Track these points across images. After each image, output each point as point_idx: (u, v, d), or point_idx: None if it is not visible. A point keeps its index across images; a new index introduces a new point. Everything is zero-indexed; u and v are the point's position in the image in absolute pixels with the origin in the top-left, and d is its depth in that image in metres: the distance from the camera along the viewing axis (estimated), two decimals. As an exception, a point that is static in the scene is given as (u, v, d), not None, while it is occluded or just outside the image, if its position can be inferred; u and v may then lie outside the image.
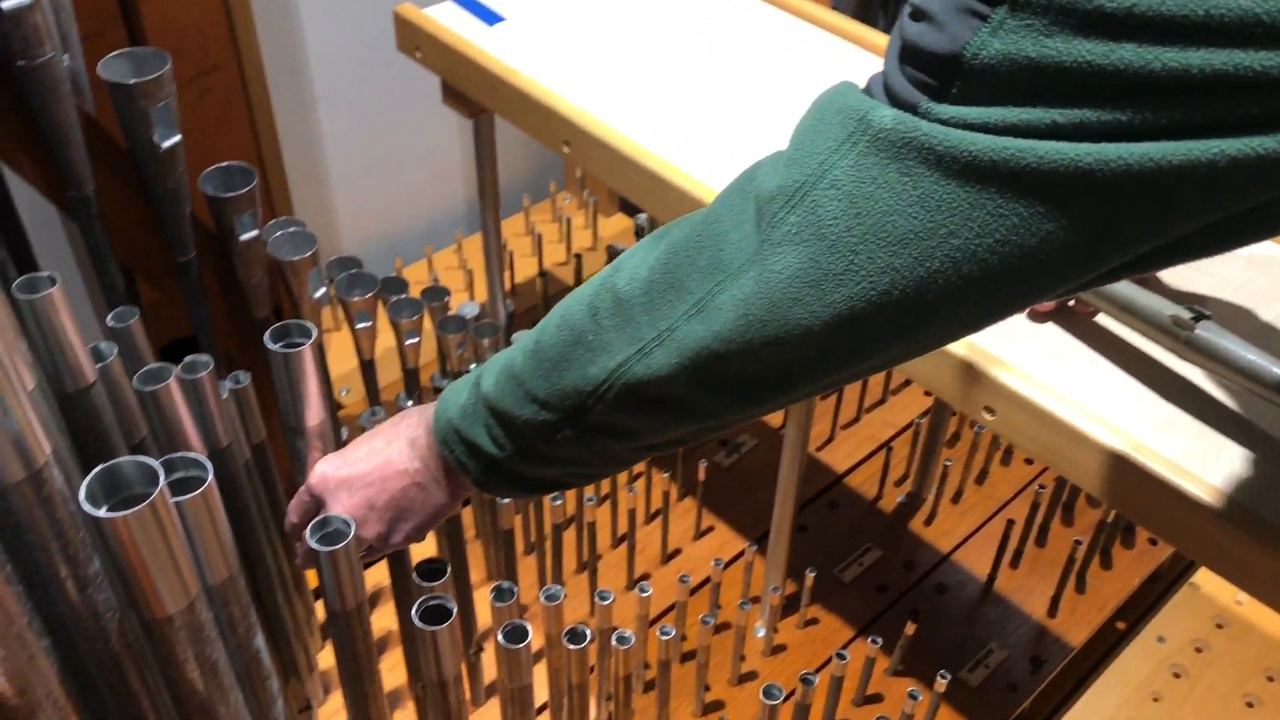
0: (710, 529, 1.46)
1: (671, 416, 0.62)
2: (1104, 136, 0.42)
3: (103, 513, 0.57)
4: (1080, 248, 0.46)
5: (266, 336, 0.87)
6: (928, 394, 1.65)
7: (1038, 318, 0.91)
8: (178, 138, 1.10)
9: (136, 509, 0.56)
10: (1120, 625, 1.51)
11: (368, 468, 0.77)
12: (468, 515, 1.41)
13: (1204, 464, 0.80)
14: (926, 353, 0.55)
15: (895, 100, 0.48)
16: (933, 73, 0.46)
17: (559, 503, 1.24)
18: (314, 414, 0.91)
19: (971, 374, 0.88)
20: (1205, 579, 1.47)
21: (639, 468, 1.49)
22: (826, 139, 0.50)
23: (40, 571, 0.60)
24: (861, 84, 0.52)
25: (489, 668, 1.26)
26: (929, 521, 1.48)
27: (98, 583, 0.64)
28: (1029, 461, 1.57)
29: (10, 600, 0.55)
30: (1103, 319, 0.91)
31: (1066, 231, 0.45)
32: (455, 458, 0.71)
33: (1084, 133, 0.43)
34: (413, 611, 0.83)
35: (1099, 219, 0.45)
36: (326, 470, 0.79)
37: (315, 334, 0.86)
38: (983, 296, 0.49)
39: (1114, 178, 0.43)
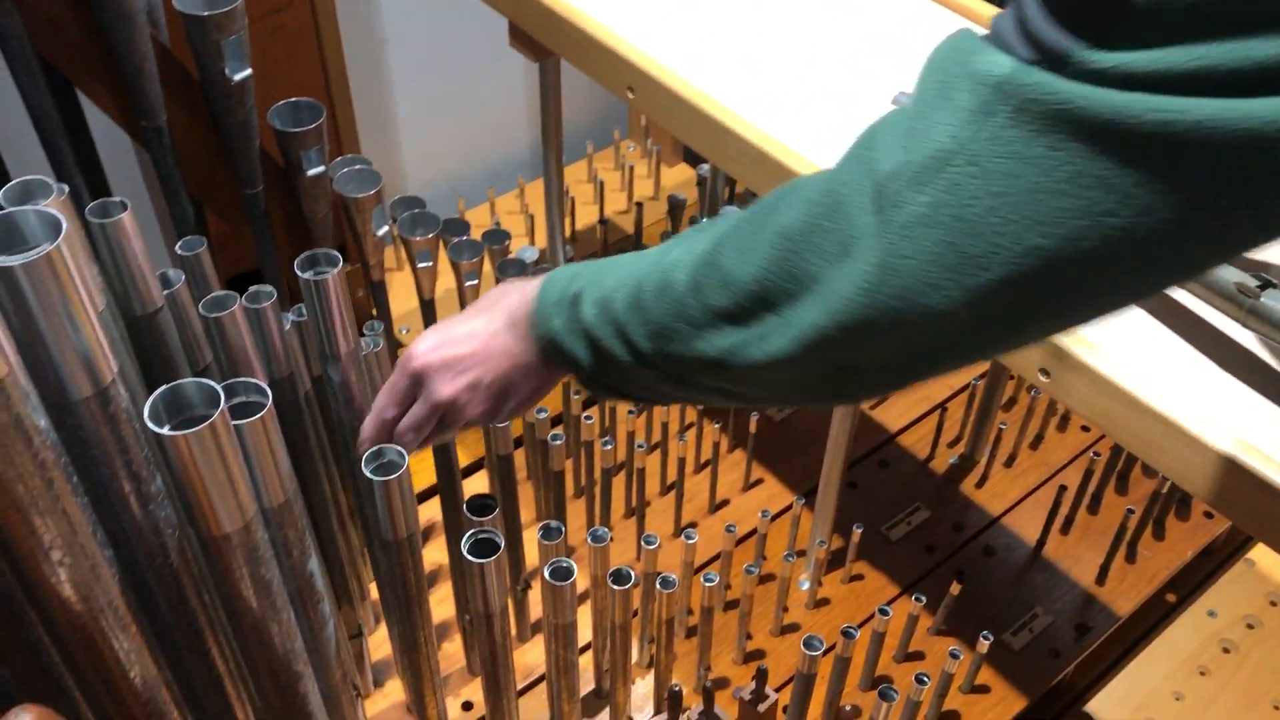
0: (759, 481, 1.47)
1: (785, 392, 0.59)
2: None
3: (165, 431, 0.59)
4: (1260, 225, 0.41)
5: (296, 264, 0.88)
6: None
7: (1100, 281, 0.90)
8: (248, 71, 1.12)
9: (197, 429, 0.58)
10: (1171, 597, 1.50)
11: (471, 349, 0.75)
12: (520, 457, 1.43)
13: (1262, 435, 0.79)
14: (1065, 331, 0.53)
15: (1038, 46, 0.42)
16: (1089, 11, 0.39)
17: (609, 447, 1.25)
18: (342, 341, 0.93)
19: (1028, 335, 0.87)
20: (1261, 555, 1.45)
21: (690, 417, 1.50)
22: (956, 109, 0.45)
23: (105, 486, 0.63)
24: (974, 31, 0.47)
25: (536, 605, 1.29)
26: (980, 484, 1.47)
27: (159, 500, 0.66)
28: (1086, 429, 1.56)
29: (76, 510, 0.57)
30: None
31: (1246, 207, 0.40)
32: (557, 362, 0.71)
33: (1273, 82, 0.36)
34: (462, 544, 0.85)
35: None
36: (426, 352, 0.77)
37: (341, 263, 0.87)
38: (1141, 278, 0.45)
39: None
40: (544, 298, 0.71)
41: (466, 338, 0.76)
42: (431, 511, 1.38)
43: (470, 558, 0.84)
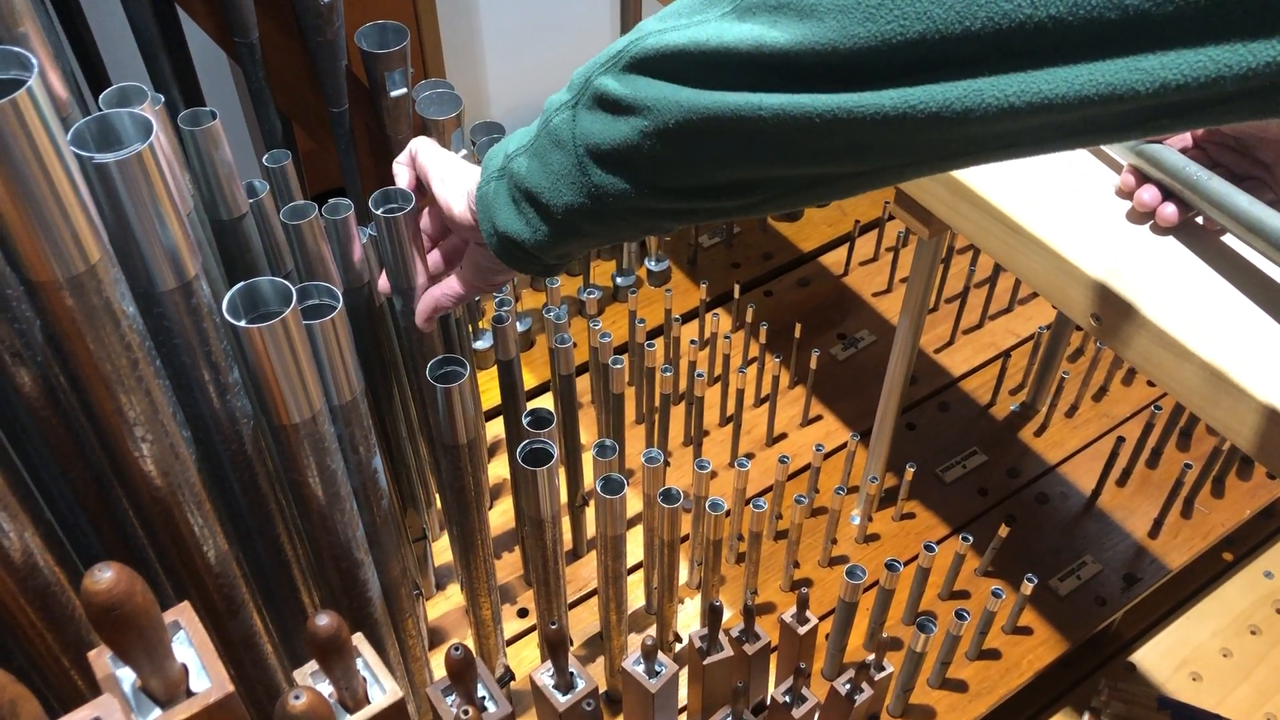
0: (818, 418, 1.49)
1: (658, 110, 0.59)
2: None
3: (241, 324, 0.63)
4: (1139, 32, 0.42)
5: (371, 200, 0.90)
6: (1051, 303, 1.63)
7: (1159, 231, 0.90)
8: (337, -8, 1.15)
9: (270, 323, 0.63)
10: (1227, 556, 1.50)
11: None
12: (583, 382, 1.47)
13: (1310, 389, 0.79)
14: (936, 160, 0.53)
15: None
16: None
17: (669, 374, 1.28)
18: (413, 275, 0.95)
19: (1082, 279, 0.88)
20: (1323, 519, 1.44)
21: (753, 351, 1.52)
22: None
23: (186, 373, 0.68)
24: None
25: (593, 523, 1.33)
26: (1039, 432, 1.48)
27: (236, 390, 0.71)
28: (1152, 383, 1.55)
29: (158, 391, 0.62)
30: (1229, 239, 0.89)
31: (1146, 8, 0.42)
32: (483, 176, 0.76)
33: None
34: (517, 452, 0.89)
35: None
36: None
37: (415, 201, 0.89)
38: (1018, 84, 0.46)
39: None
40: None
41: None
42: (498, 429, 1.43)
43: (524, 466, 0.89)
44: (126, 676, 0.54)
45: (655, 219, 0.67)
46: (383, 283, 0.94)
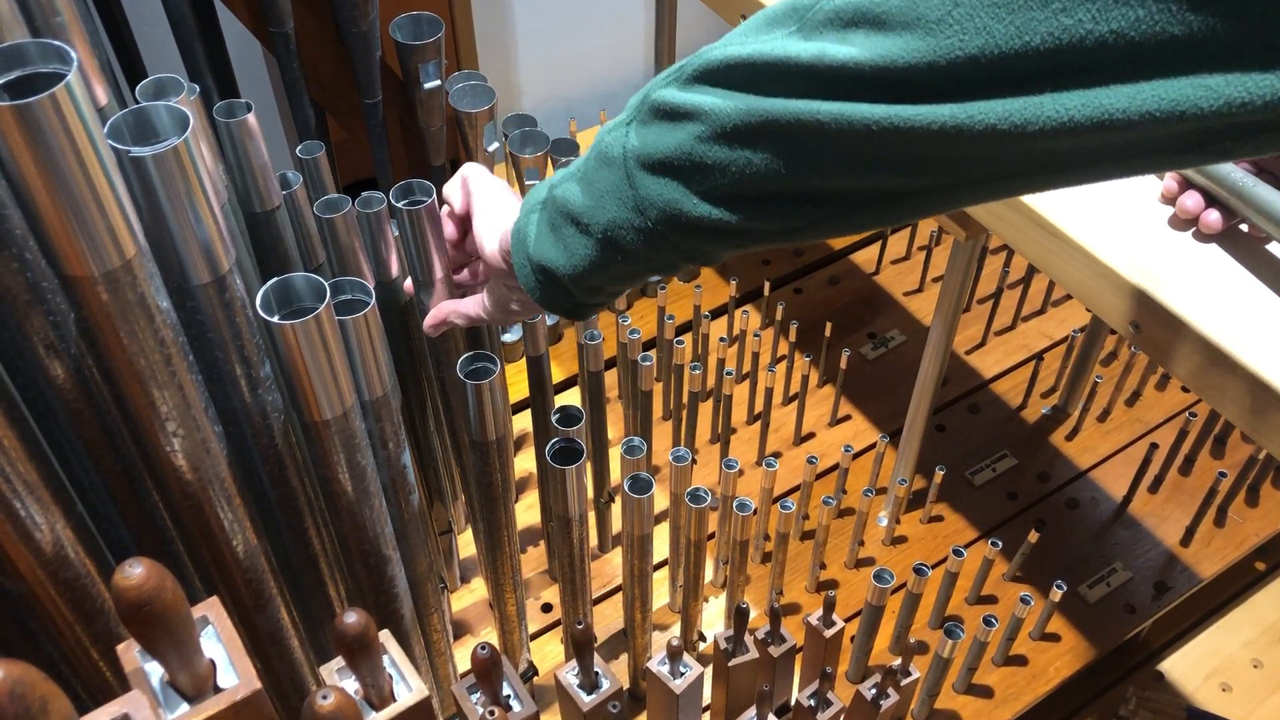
0: (847, 418, 1.48)
1: (716, 115, 0.58)
2: None
3: (275, 319, 0.63)
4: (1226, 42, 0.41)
5: (392, 193, 0.89)
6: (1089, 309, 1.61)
7: (1202, 238, 0.89)
8: (373, -17, 1.15)
9: (303, 320, 0.62)
10: (1260, 565, 1.48)
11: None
12: (611, 377, 1.47)
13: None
14: (998, 171, 0.51)
15: None
16: None
17: (698, 372, 1.28)
18: (434, 268, 0.95)
19: (1122, 286, 0.87)
20: (1358, 530, 1.42)
21: (783, 349, 1.51)
22: None
23: (219, 368, 0.67)
24: None
25: (618, 519, 1.33)
26: (1071, 436, 1.46)
27: (268, 385, 0.71)
28: (1186, 389, 1.53)
29: (190, 386, 0.62)
30: (1273, 247, 0.88)
31: (1213, 24, 0.40)
32: (522, 211, 0.75)
33: None
34: (546, 450, 0.89)
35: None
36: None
37: (435, 193, 0.88)
38: (1079, 100, 0.45)
39: None
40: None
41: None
42: (524, 423, 1.43)
43: (553, 464, 0.88)
44: (154, 671, 0.54)
45: (696, 239, 0.65)
46: (408, 284, 0.94)
